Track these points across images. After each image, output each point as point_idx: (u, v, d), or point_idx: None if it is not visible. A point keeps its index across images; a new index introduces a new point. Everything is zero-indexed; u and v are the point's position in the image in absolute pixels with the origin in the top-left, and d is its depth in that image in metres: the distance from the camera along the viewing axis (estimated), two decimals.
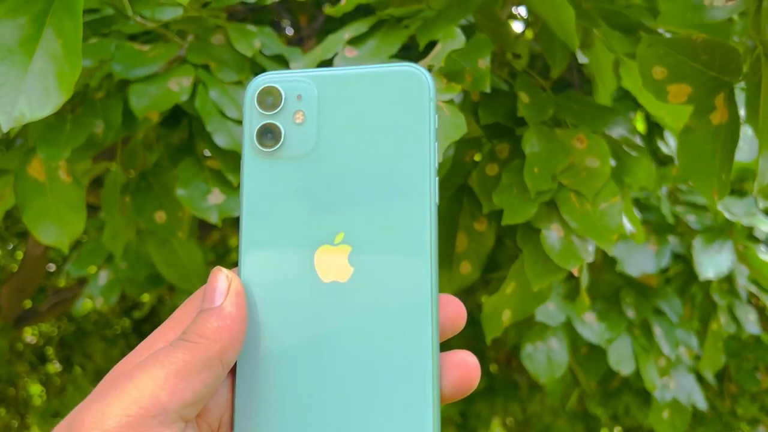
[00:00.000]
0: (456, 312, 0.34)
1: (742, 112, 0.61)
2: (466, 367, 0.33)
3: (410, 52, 0.75)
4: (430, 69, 0.65)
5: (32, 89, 0.45)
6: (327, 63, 0.73)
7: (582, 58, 0.79)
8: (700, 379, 1.17)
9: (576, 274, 0.72)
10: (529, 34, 0.99)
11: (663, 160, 1.05)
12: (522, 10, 1.00)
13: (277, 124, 0.34)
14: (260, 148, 0.34)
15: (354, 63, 0.70)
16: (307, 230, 0.33)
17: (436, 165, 0.34)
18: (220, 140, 0.68)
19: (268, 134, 0.34)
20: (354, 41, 0.72)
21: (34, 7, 0.47)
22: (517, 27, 1.03)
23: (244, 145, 0.34)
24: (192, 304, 0.33)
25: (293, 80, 0.34)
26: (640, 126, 0.97)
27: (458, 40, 0.62)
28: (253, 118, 0.34)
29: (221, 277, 0.32)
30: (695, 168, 0.63)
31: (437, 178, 0.34)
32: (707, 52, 0.59)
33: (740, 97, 0.62)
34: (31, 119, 0.45)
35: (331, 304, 0.33)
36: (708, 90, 0.61)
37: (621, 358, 1.04)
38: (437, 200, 0.33)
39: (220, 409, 0.32)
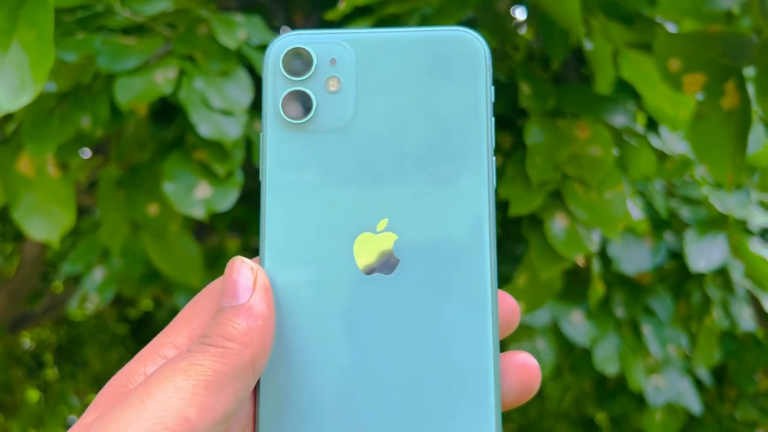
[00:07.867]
0: (511, 309, 0.29)
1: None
2: (527, 369, 0.28)
3: None
4: None
5: (8, 81, 0.45)
6: None
7: (587, 45, 0.78)
8: (699, 383, 1.14)
9: (581, 263, 0.72)
10: (529, 35, 0.98)
11: (659, 154, 1.03)
12: (519, 12, 0.99)
13: (308, 91, 0.29)
14: (286, 118, 0.29)
15: None
16: (343, 215, 0.28)
17: (494, 143, 0.29)
18: (205, 130, 0.66)
19: (297, 103, 0.29)
20: None
21: (9, 2, 0.47)
22: (519, 14, 1.02)
23: (266, 116, 0.29)
24: (202, 303, 0.27)
25: (326, 42, 0.29)
26: (641, 119, 0.95)
27: None
28: (278, 84, 0.29)
29: (245, 269, 0.27)
30: (709, 153, 0.64)
31: (495, 158, 0.29)
32: (721, 42, 0.59)
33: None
34: (8, 111, 0.45)
35: (372, 302, 0.28)
36: (719, 77, 0.61)
37: (606, 358, 1.01)
38: (495, 183, 0.29)
39: (241, 426, 0.27)
